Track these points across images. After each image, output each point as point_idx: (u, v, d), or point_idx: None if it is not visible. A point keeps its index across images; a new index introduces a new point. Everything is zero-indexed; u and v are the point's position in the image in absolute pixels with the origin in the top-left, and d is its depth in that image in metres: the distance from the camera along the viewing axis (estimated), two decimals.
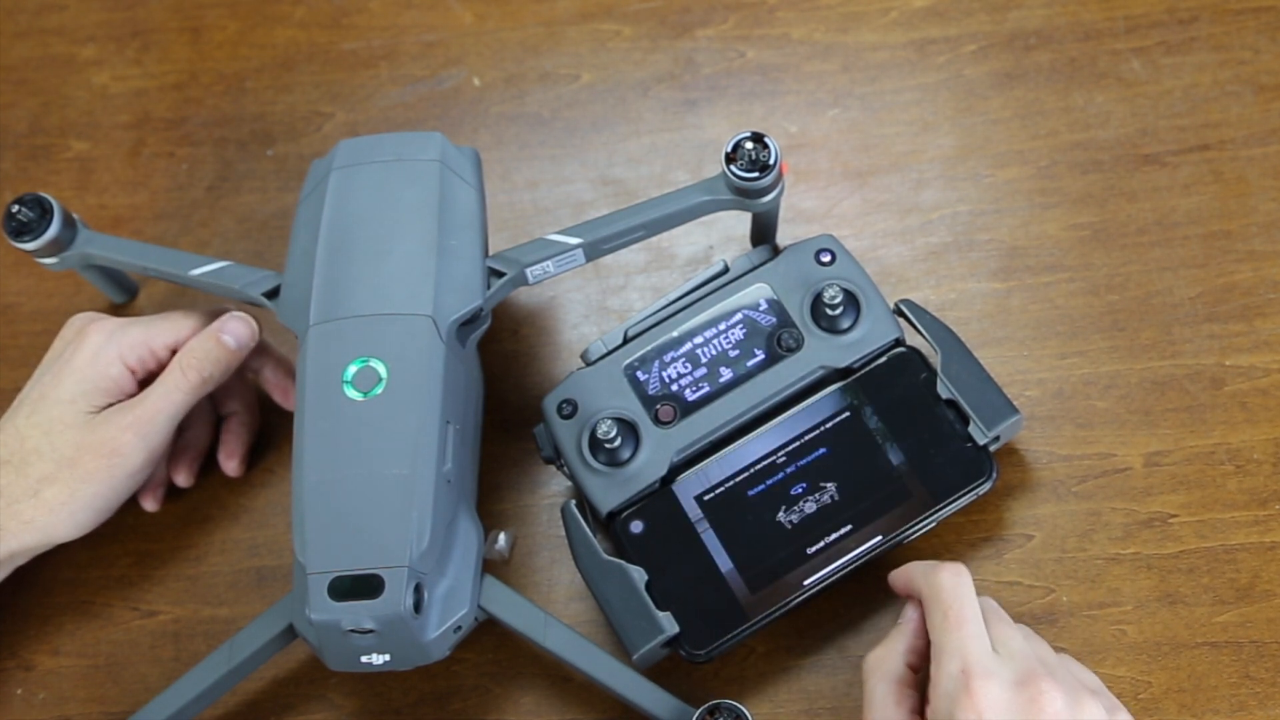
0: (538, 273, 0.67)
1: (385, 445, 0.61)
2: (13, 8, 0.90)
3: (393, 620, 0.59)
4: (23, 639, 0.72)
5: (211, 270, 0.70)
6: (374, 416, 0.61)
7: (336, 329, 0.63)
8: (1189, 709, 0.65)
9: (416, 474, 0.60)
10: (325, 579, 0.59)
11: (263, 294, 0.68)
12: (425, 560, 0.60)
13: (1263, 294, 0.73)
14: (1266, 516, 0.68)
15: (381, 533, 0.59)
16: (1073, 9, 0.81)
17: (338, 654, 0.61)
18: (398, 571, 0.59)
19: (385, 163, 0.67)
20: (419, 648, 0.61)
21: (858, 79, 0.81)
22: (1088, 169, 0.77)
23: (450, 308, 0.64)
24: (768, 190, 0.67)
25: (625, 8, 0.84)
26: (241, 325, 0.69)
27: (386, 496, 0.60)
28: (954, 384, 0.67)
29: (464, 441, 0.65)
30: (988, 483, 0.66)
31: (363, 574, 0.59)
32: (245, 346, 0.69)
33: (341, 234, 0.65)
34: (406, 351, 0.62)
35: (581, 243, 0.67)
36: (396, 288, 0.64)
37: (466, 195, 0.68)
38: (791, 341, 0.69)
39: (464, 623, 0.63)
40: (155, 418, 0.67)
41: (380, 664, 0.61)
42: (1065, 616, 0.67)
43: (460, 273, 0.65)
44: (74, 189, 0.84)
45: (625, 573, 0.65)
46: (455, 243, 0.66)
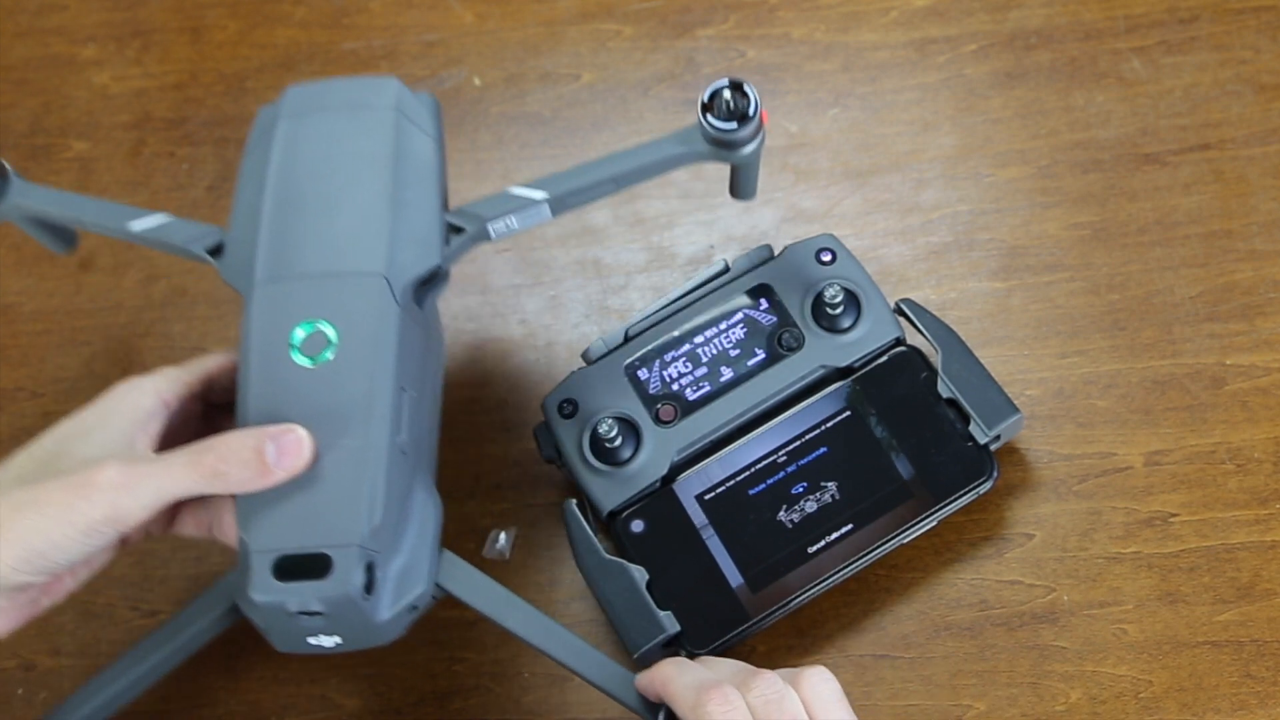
0: (500, 228, 0.63)
1: (335, 415, 0.56)
2: (13, 8, 0.90)
3: (342, 602, 0.55)
4: (23, 639, 0.72)
5: (151, 226, 0.64)
6: (323, 384, 0.57)
7: (283, 289, 0.59)
8: (1190, 708, 0.65)
9: (369, 445, 0.56)
10: (269, 557, 0.55)
11: (205, 250, 0.63)
12: (378, 538, 0.56)
13: (1263, 293, 0.73)
14: (1267, 515, 0.68)
15: (331, 508, 0.55)
16: (1073, 8, 0.81)
17: (284, 635, 0.57)
18: (348, 550, 0.54)
19: (337, 110, 0.63)
20: (371, 629, 0.57)
21: (858, 78, 0.81)
22: (1088, 168, 0.77)
23: (405, 266, 0.60)
24: (747, 141, 0.62)
25: (625, 7, 0.84)
26: (297, 447, 0.56)
27: (336, 470, 0.56)
28: (955, 383, 0.67)
29: (421, 409, 0.61)
30: (988, 482, 0.66)
31: (310, 553, 0.55)
32: (288, 474, 0.56)
33: (289, 187, 0.61)
34: (358, 314, 0.58)
35: (547, 197, 0.63)
36: (348, 244, 0.59)
37: (424, 145, 0.63)
38: (792, 341, 0.69)
39: (420, 602, 0.59)
40: (143, 481, 0.55)
41: (330, 646, 0.58)
42: (1066, 616, 0.67)
43: (416, 228, 0.61)
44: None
45: (626, 572, 0.65)
46: (411, 196, 0.61)
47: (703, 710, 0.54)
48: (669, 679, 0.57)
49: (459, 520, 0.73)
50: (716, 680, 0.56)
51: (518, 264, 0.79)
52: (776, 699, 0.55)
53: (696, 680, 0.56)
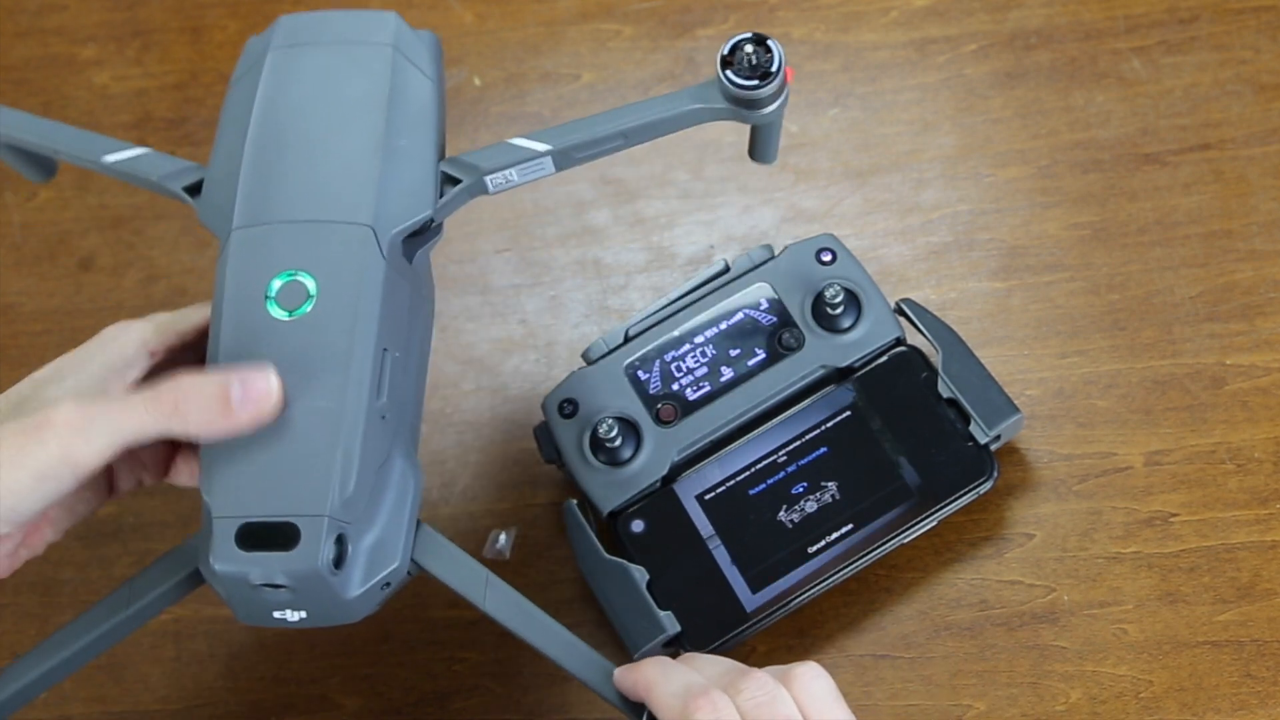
0: (499, 181, 0.58)
1: (310, 374, 0.53)
2: (13, 8, 0.90)
3: (308, 576, 0.51)
4: (23, 639, 0.72)
5: (127, 158, 0.60)
6: (299, 339, 0.53)
7: (262, 235, 0.55)
8: (1190, 708, 0.65)
9: (345, 408, 0.52)
10: (233, 524, 0.51)
11: (183, 188, 0.59)
12: (349, 509, 0.52)
13: (1263, 293, 0.73)
14: (1267, 515, 0.68)
15: (300, 475, 0.51)
16: (1073, 8, 0.81)
17: (247, 607, 0.54)
18: (315, 520, 0.51)
19: (330, 45, 0.59)
20: (340, 605, 0.54)
21: (858, 78, 0.81)
22: (1088, 168, 0.77)
23: (394, 217, 0.56)
24: (769, 100, 0.58)
25: (625, 7, 0.84)
26: (265, 392, 0.52)
27: (309, 433, 0.52)
28: (955, 383, 0.67)
29: (405, 372, 0.57)
30: (988, 482, 0.66)
31: (276, 521, 0.51)
32: (252, 419, 0.52)
33: (275, 125, 0.57)
34: (340, 266, 0.54)
35: (551, 150, 0.58)
36: (334, 191, 0.56)
37: (421, 87, 0.59)
38: (792, 341, 0.69)
39: (394, 579, 0.55)
40: (97, 420, 0.51)
41: (296, 621, 0.54)
42: (1066, 615, 0.67)
43: (409, 177, 0.57)
44: (74, 189, 0.83)
45: (626, 572, 0.65)
46: (405, 143, 0.57)
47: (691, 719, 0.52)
48: (652, 684, 0.55)
49: (459, 520, 0.73)
50: (703, 685, 0.53)
51: (518, 264, 0.79)
52: (768, 701, 0.52)
53: (682, 686, 0.54)
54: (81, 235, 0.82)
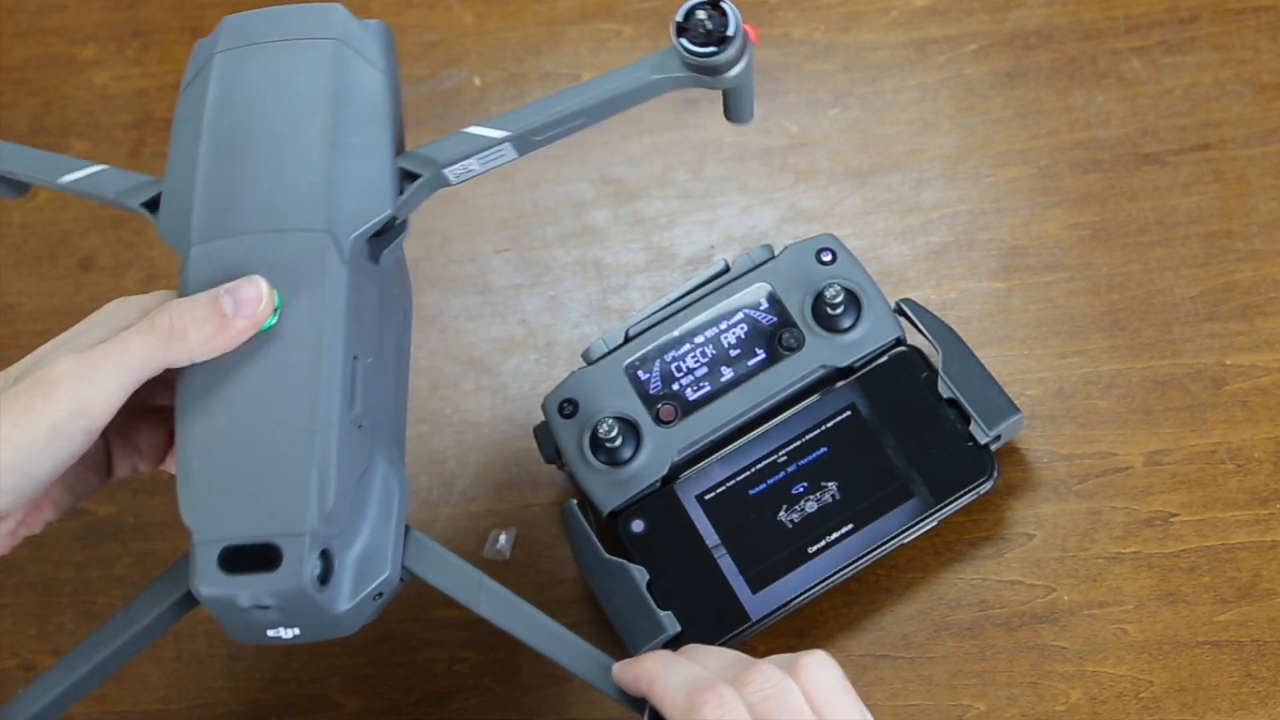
0: (459, 172, 0.57)
1: (280, 390, 0.52)
2: (13, 8, 0.90)
3: (294, 595, 0.50)
4: (23, 639, 0.72)
5: (83, 176, 0.59)
6: (266, 355, 0.52)
7: (221, 249, 0.54)
8: (1190, 708, 0.65)
9: (317, 423, 0.51)
10: (214, 548, 0.50)
11: (141, 204, 0.57)
12: (331, 522, 0.51)
13: (1263, 293, 0.73)
14: (1267, 515, 0.68)
15: (277, 494, 0.51)
16: (1073, 8, 0.81)
17: (239, 629, 0.53)
18: (297, 539, 0.50)
19: (274, 43, 0.57)
20: (331, 620, 0.53)
21: (858, 78, 0.81)
22: (1088, 168, 0.77)
23: (352, 219, 0.54)
24: (730, 64, 0.55)
25: (625, 7, 0.84)
26: (255, 294, 0.52)
27: (283, 450, 0.51)
28: (955, 383, 0.67)
29: (381, 375, 0.56)
30: (989, 482, 0.66)
31: (257, 543, 0.50)
32: (248, 326, 0.52)
33: (226, 132, 0.56)
34: (301, 274, 0.53)
35: (509, 135, 0.56)
36: (287, 197, 0.54)
37: (372, 80, 0.57)
38: (792, 341, 0.69)
39: (385, 589, 0.54)
40: (100, 363, 0.51)
41: (290, 638, 0.53)
42: (1066, 615, 0.67)
43: (364, 176, 0.55)
44: None
45: (626, 572, 0.65)
46: (358, 140, 0.56)
47: (697, 715, 0.50)
48: (654, 678, 0.53)
49: (459, 520, 0.73)
50: (709, 679, 0.52)
51: (518, 264, 0.79)
52: (776, 693, 0.51)
53: (686, 680, 0.52)
54: (81, 235, 0.82)
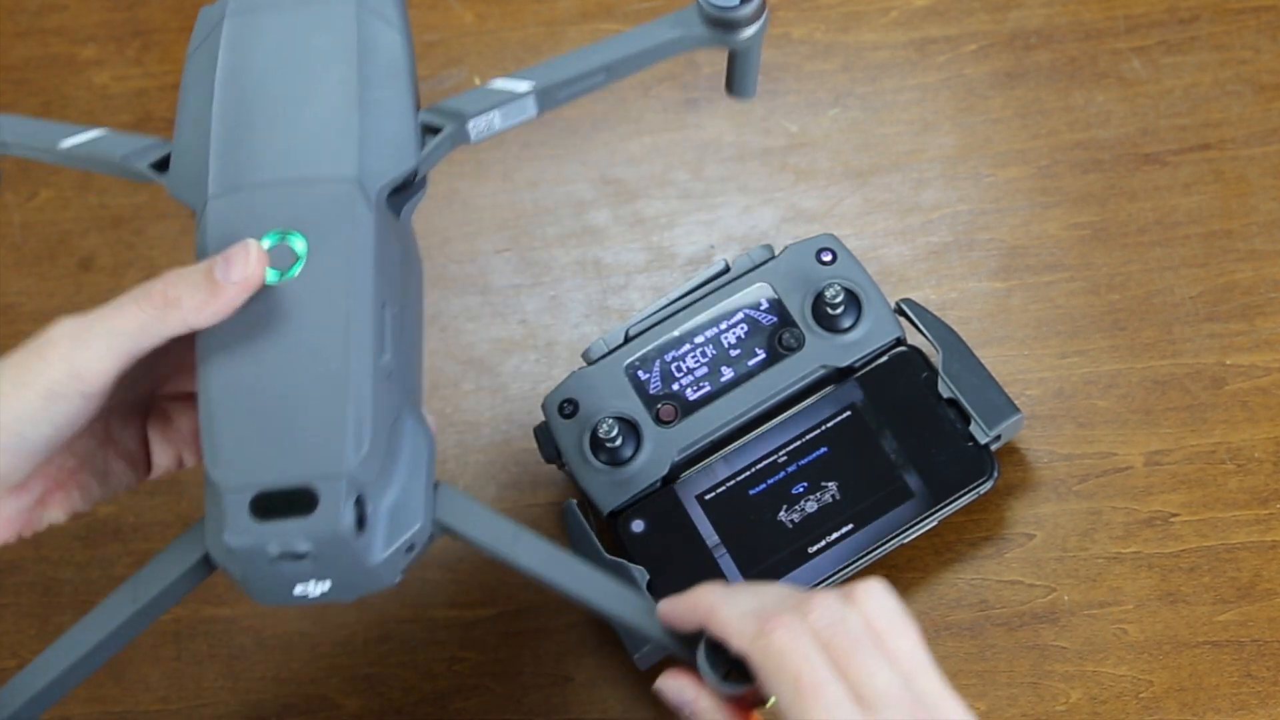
0: (481, 127, 0.56)
1: (310, 335, 0.50)
2: (13, 8, 0.90)
3: (331, 541, 0.48)
4: (23, 639, 0.72)
5: (84, 141, 0.58)
6: (294, 302, 0.51)
7: (242, 200, 0.53)
8: (1190, 708, 0.65)
9: (350, 366, 0.50)
10: (245, 495, 0.48)
11: (150, 166, 0.56)
12: (366, 468, 0.50)
13: (1263, 293, 0.73)
14: (1267, 515, 0.68)
15: (312, 438, 0.49)
16: (1073, 8, 0.81)
17: (265, 586, 0.51)
18: (334, 482, 0.48)
19: (288, 7, 0.57)
20: (365, 573, 0.51)
21: (858, 78, 0.81)
22: (1088, 168, 0.77)
23: (378, 170, 0.54)
24: (749, 21, 0.57)
25: (625, 8, 0.84)
26: (244, 255, 0.51)
27: (315, 395, 0.50)
28: (955, 383, 0.67)
29: (403, 329, 0.55)
30: (989, 482, 0.66)
31: (291, 488, 0.48)
32: (241, 289, 0.51)
33: (241, 90, 0.55)
34: (329, 222, 0.52)
35: (532, 88, 0.56)
36: (312, 149, 0.54)
37: (390, 39, 0.57)
38: (792, 341, 0.69)
39: (417, 540, 0.52)
40: (93, 327, 0.51)
41: (318, 595, 0.51)
42: (1066, 615, 0.67)
43: (388, 130, 0.55)
44: (75, 189, 0.83)
45: (627, 572, 0.65)
46: (380, 95, 0.55)
47: (767, 641, 0.49)
48: (715, 606, 0.51)
49: None
50: (776, 607, 0.50)
51: (518, 264, 0.79)
52: (839, 620, 0.49)
53: (752, 608, 0.50)
54: (81, 235, 0.82)
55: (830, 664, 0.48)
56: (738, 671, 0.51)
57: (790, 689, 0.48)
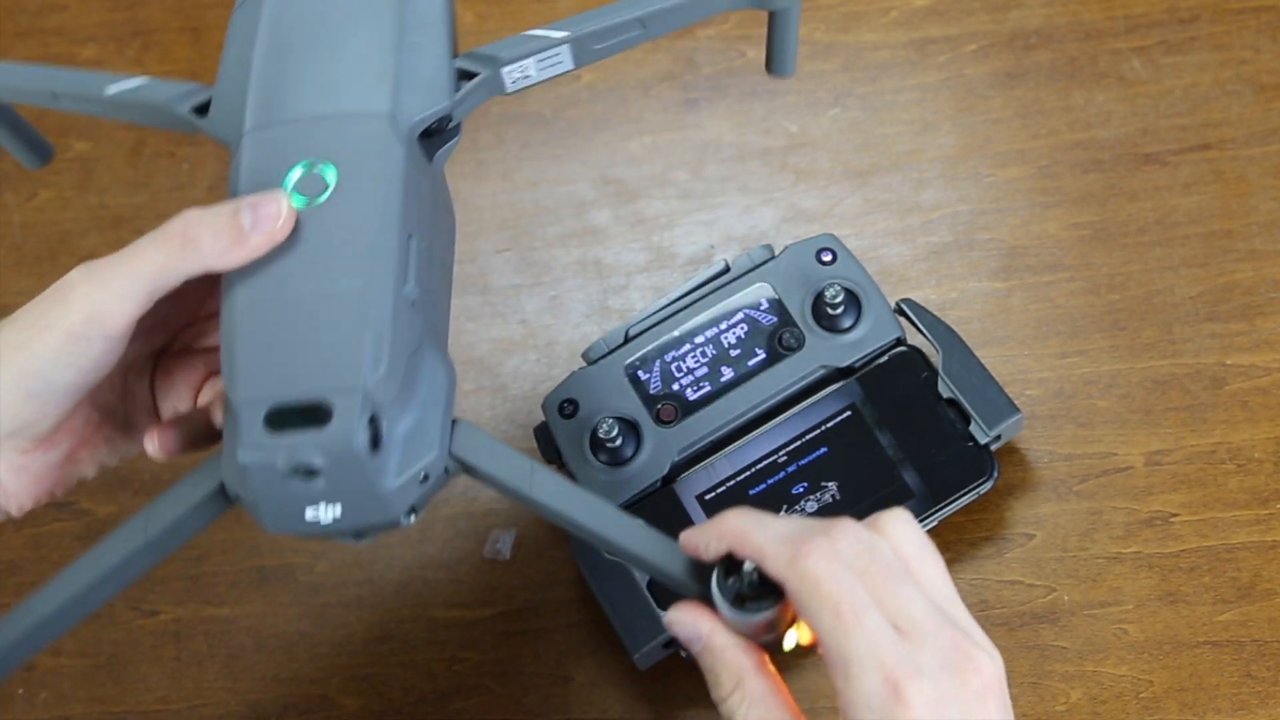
0: (516, 75, 0.57)
1: (334, 256, 0.51)
2: (13, 8, 0.90)
3: (344, 456, 0.48)
4: None
5: (129, 88, 0.58)
6: (320, 226, 0.52)
7: (276, 133, 0.54)
8: (1190, 708, 0.65)
9: (371, 287, 0.50)
10: (260, 408, 0.48)
11: (191, 110, 0.57)
12: (383, 388, 0.49)
13: (1263, 293, 0.73)
14: (1267, 515, 0.68)
15: (330, 355, 0.49)
16: (1073, 8, 0.81)
17: (277, 509, 0.50)
18: (350, 397, 0.48)
19: None
20: (377, 499, 0.50)
21: (858, 78, 0.81)
22: (1088, 168, 0.77)
23: (412, 107, 0.55)
24: None
25: None
26: (275, 209, 0.51)
27: (336, 313, 0.50)
28: (955, 383, 0.67)
29: (430, 266, 0.56)
30: (989, 482, 0.66)
31: (307, 402, 0.48)
32: (265, 241, 0.51)
33: (284, 34, 0.56)
34: (360, 153, 0.53)
35: (568, 37, 0.57)
36: (348, 86, 0.55)
37: None
38: (792, 341, 0.69)
39: (432, 471, 0.52)
40: (112, 270, 0.51)
41: (329, 521, 0.50)
42: (1066, 615, 0.67)
43: (423, 70, 0.56)
44: (75, 189, 0.83)
45: (626, 572, 0.65)
46: (417, 39, 0.56)
47: (804, 564, 0.47)
48: (745, 532, 0.50)
49: (459, 520, 0.73)
50: (807, 532, 0.49)
51: (518, 264, 0.79)
52: (867, 547, 0.48)
53: (785, 533, 0.49)
54: (81, 235, 0.82)
55: (867, 591, 0.47)
56: (752, 602, 0.49)
57: (830, 616, 0.47)
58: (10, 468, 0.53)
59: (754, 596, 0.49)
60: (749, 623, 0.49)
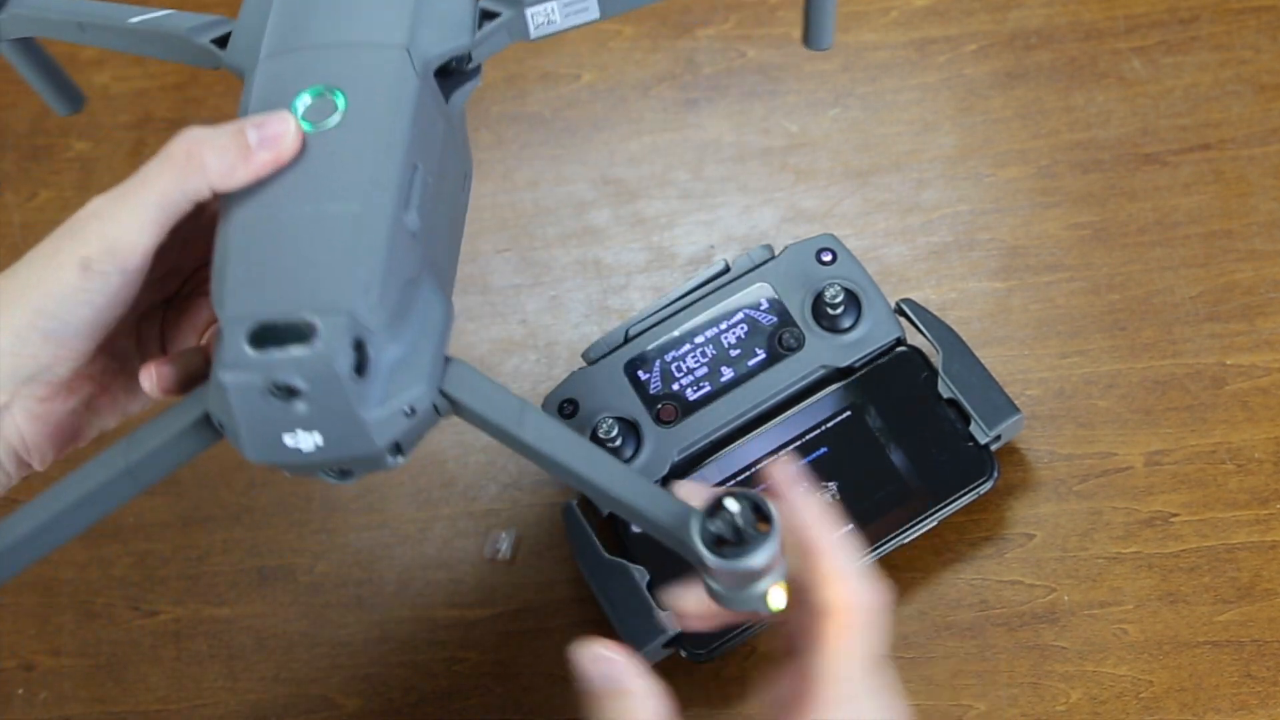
0: (541, 21, 0.57)
1: (335, 180, 0.50)
2: None
3: (325, 379, 0.47)
4: (23, 639, 0.72)
5: (153, 17, 0.58)
6: (325, 149, 0.51)
7: (290, 60, 0.53)
8: (1190, 708, 0.65)
9: (369, 211, 0.50)
10: (244, 325, 0.47)
11: (211, 40, 0.57)
12: (372, 314, 0.48)
13: (1263, 293, 0.73)
14: (1267, 515, 0.68)
15: (320, 274, 0.48)
16: (1073, 8, 0.81)
17: (256, 433, 0.48)
18: (334, 317, 0.47)
19: None
20: (359, 428, 0.48)
21: (858, 78, 0.81)
22: (1088, 168, 0.77)
23: (430, 42, 0.54)
24: None
25: None
26: (279, 125, 0.50)
27: (330, 235, 0.49)
28: (955, 383, 0.67)
29: (438, 201, 0.55)
30: (989, 482, 0.66)
31: (293, 321, 0.47)
32: (272, 160, 0.50)
33: None
34: (372, 81, 0.52)
35: None
36: (367, 17, 0.54)
37: None
38: (792, 341, 0.69)
39: (419, 404, 0.50)
40: (121, 200, 0.51)
41: (310, 450, 0.48)
42: (1066, 616, 0.67)
43: (445, 7, 0.55)
44: (75, 189, 0.83)
45: (627, 572, 0.65)
46: None
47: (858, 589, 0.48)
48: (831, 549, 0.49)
49: (459, 520, 0.73)
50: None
51: (518, 264, 0.79)
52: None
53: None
54: None
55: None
56: (732, 548, 0.47)
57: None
58: (29, 417, 0.52)
59: (736, 541, 0.47)
60: (730, 570, 0.46)
